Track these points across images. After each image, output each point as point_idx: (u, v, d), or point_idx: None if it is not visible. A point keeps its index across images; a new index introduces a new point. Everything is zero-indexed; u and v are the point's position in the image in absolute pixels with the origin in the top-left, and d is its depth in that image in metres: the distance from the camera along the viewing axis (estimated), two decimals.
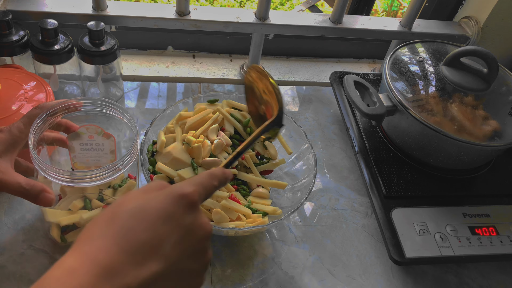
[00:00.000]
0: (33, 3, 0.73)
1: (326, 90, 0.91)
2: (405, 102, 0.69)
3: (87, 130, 0.52)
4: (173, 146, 0.62)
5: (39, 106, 0.50)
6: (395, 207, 0.66)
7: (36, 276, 0.54)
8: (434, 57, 0.77)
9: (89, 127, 0.52)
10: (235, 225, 0.58)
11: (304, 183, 0.64)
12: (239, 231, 0.57)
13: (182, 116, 0.66)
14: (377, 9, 1.90)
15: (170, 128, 0.66)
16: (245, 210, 0.60)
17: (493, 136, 0.67)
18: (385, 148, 0.75)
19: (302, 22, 0.82)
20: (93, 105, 0.54)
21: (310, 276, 0.61)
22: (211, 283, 0.59)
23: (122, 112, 0.54)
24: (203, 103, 0.69)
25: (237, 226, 0.58)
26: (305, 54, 0.98)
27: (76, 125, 0.53)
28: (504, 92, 0.74)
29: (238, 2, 1.96)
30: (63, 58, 0.69)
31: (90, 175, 0.48)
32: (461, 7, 0.94)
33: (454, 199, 0.70)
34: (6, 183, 0.46)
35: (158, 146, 0.63)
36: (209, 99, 0.69)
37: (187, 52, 0.92)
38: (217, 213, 0.58)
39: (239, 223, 0.59)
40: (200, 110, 0.67)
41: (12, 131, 0.48)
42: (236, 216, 0.59)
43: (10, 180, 0.46)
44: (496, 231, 0.66)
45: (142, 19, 0.76)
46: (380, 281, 0.62)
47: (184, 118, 0.66)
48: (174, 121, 0.67)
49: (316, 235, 0.66)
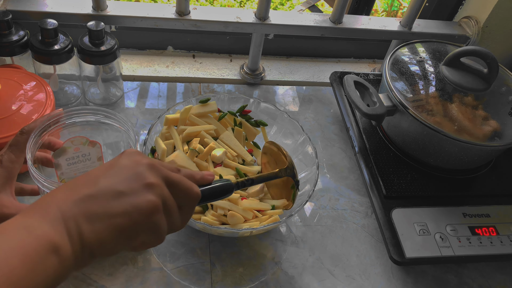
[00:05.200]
0: (33, 3, 0.73)
1: (326, 90, 0.91)
2: (405, 102, 0.69)
3: (72, 143, 0.51)
4: (175, 155, 0.60)
5: (23, 131, 0.49)
6: (395, 207, 0.66)
7: None
8: (434, 57, 0.77)
9: (74, 139, 0.51)
10: (248, 225, 0.58)
11: (307, 176, 0.64)
12: (253, 231, 0.57)
13: (170, 120, 0.65)
14: (377, 9, 1.90)
15: (166, 134, 0.65)
16: (264, 206, 0.60)
17: (493, 136, 0.67)
18: (385, 148, 0.75)
19: (302, 22, 0.82)
20: (93, 114, 0.53)
21: (310, 276, 0.61)
22: (211, 283, 0.59)
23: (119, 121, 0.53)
24: (189, 105, 0.67)
25: (250, 226, 0.58)
26: (305, 54, 0.98)
27: (60, 141, 0.52)
28: (504, 92, 0.74)
29: (238, 2, 1.96)
30: (63, 58, 0.69)
31: None
32: (461, 7, 0.94)
33: (454, 199, 0.70)
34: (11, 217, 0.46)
35: (159, 155, 0.62)
36: (201, 99, 0.68)
37: (187, 52, 0.92)
38: (232, 216, 0.58)
39: (252, 223, 0.59)
40: (186, 111, 0.65)
41: (4, 164, 0.48)
42: (252, 215, 0.59)
43: (14, 213, 0.46)
44: (496, 231, 0.66)
45: (142, 19, 0.76)
46: (380, 281, 0.62)
47: (172, 120, 0.65)
48: (166, 127, 0.65)
49: (316, 235, 0.66)
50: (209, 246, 0.62)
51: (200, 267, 0.60)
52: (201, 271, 0.60)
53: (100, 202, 0.34)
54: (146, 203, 0.35)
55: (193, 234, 0.63)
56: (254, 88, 0.88)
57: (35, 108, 0.62)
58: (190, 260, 0.60)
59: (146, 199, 0.35)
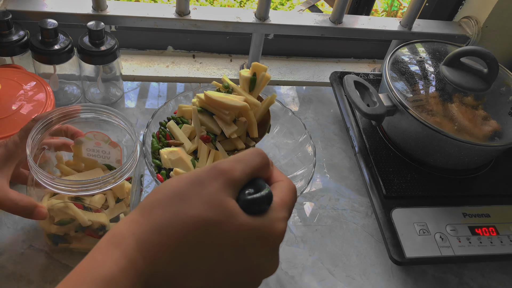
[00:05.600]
0: (33, 3, 0.73)
1: (326, 90, 0.91)
2: (405, 102, 0.69)
3: (94, 136, 0.51)
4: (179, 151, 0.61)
5: (36, 118, 0.50)
6: (395, 207, 0.66)
7: (36, 276, 0.54)
8: (434, 57, 0.77)
9: (96, 134, 0.51)
10: None
11: (304, 173, 0.64)
12: None
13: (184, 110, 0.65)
14: (377, 9, 1.90)
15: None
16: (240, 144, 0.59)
17: (493, 136, 0.67)
18: (385, 148, 0.75)
19: (302, 22, 0.82)
20: (91, 111, 0.53)
21: (310, 276, 0.61)
22: None
23: (120, 119, 0.53)
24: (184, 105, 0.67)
25: None
26: (305, 54, 0.98)
27: (81, 131, 0.52)
28: (504, 92, 0.74)
29: (238, 2, 1.96)
30: (63, 58, 0.69)
31: (88, 185, 0.47)
32: (461, 7, 0.94)
33: (454, 199, 0.70)
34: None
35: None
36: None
37: (187, 52, 0.92)
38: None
39: None
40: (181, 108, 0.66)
41: (8, 145, 0.48)
42: None
43: (3, 198, 0.46)
44: (496, 231, 0.66)
45: (142, 19, 0.76)
46: (380, 281, 0.62)
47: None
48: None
49: (316, 235, 0.66)
50: None
51: None
52: None
53: None
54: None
55: None
56: None
57: (35, 108, 0.62)
58: None
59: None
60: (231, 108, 0.55)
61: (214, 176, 0.31)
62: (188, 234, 0.30)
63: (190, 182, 0.31)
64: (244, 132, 0.59)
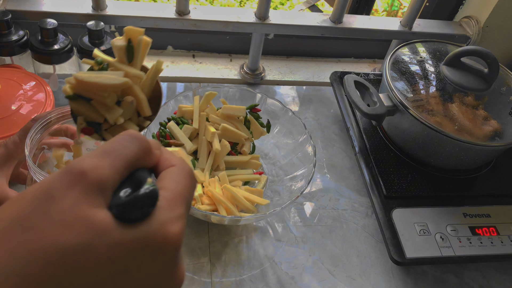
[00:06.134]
0: (32, 3, 0.73)
1: (326, 90, 0.91)
2: (406, 102, 0.68)
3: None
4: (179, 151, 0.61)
5: (35, 118, 0.49)
6: (396, 207, 0.66)
7: None
8: (435, 57, 0.77)
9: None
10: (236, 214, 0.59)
11: (304, 173, 0.64)
12: (241, 219, 0.57)
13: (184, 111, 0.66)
14: (377, 9, 1.90)
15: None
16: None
17: (493, 136, 0.67)
18: (386, 148, 0.75)
19: (302, 22, 0.82)
20: None
21: (310, 276, 0.61)
22: (211, 283, 0.58)
23: None
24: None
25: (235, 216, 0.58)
26: (305, 54, 0.98)
27: None
28: (504, 92, 0.74)
29: (238, 2, 1.96)
30: (62, 58, 0.69)
31: None
32: (462, 7, 0.94)
33: (454, 199, 0.70)
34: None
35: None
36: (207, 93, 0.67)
37: (187, 52, 0.92)
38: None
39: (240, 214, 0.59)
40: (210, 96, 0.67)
41: (8, 145, 0.48)
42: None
43: (2, 198, 0.46)
44: (497, 231, 0.66)
45: (142, 18, 0.76)
46: (380, 282, 0.62)
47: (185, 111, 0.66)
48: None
49: (316, 235, 0.66)
50: (209, 246, 0.62)
51: (200, 267, 0.60)
52: (201, 271, 0.59)
53: None
54: None
55: (193, 234, 0.63)
56: (254, 88, 0.88)
57: (35, 108, 0.62)
58: (190, 260, 0.60)
59: None
60: (110, 87, 0.43)
61: (68, 183, 0.23)
62: (42, 274, 0.21)
63: (34, 199, 0.23)
64: (134, 112, 0.47)
